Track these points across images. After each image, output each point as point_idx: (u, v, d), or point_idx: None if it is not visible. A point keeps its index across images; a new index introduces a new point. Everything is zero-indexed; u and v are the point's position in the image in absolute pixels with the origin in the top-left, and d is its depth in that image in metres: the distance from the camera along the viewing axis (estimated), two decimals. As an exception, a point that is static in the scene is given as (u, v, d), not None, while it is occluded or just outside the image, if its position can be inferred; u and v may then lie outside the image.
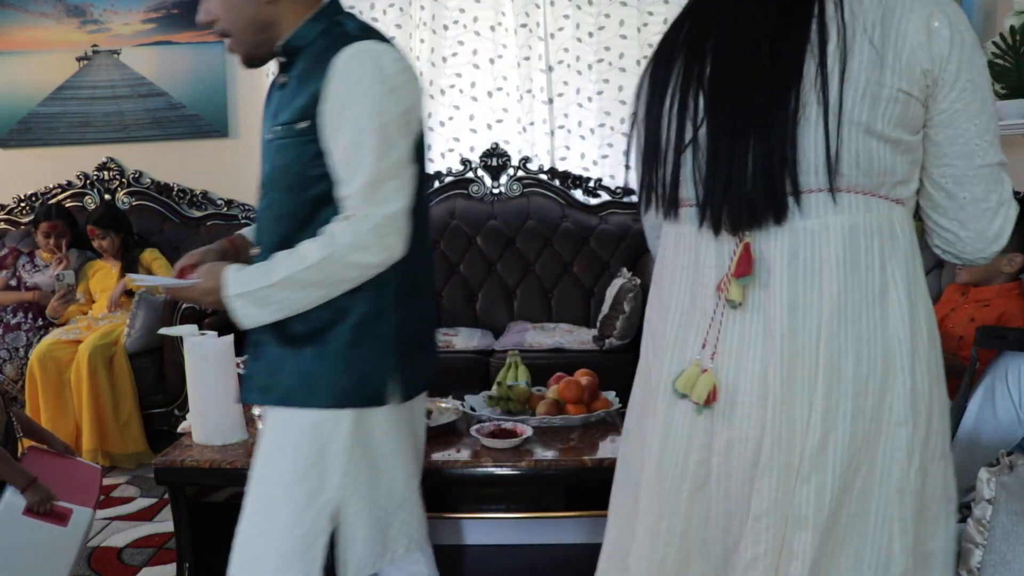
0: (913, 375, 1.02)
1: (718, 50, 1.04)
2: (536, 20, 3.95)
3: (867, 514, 1.03)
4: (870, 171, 1.00)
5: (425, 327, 1.51)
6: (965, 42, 1.00)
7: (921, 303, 1.05)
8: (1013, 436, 1.65)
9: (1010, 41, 2.46)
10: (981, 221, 1.05)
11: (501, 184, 4.03)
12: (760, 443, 1.04)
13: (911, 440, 1.02)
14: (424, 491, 1.55)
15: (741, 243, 1.04)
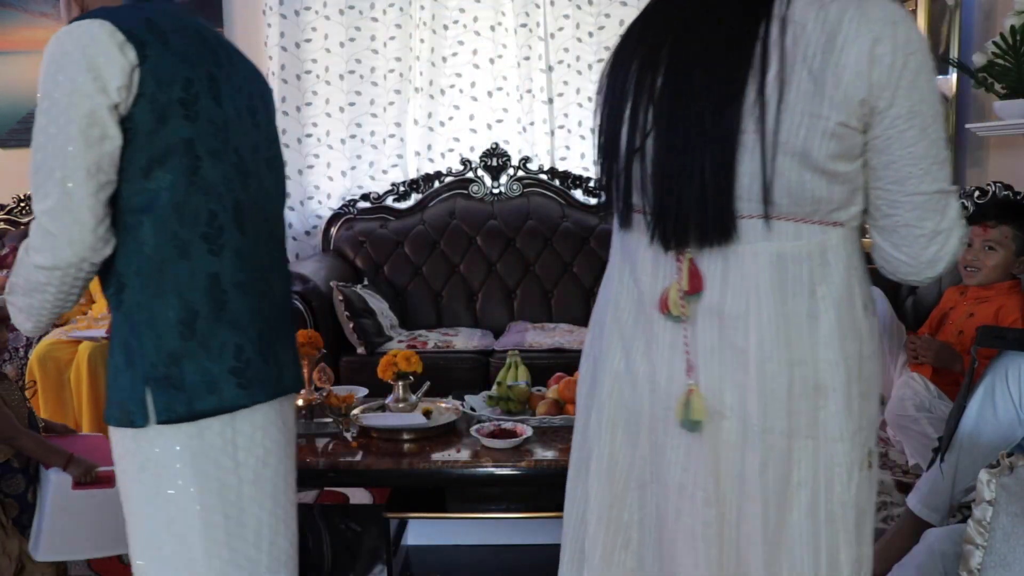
0: (847, 395, 1.04)
1: (669, 62, 1.03)
2: (536, 20, 3.95)
3: (815, 527, 1.05)
4: (802, 201, 1.00)
5: (207, 333, 1.29)
6: (908, 68, 0.97)
7: (856, 325, 1.06)
8: (1013, 436, 1.65)
9: (1010, 41, 2.46)
10: (914, 247, 1.04)
11: (501, 184, 4.03)
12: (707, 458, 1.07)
13: (849, 455, 1.05)
14: (424, 491, 1.55)
15: (685, 259, 1.05)
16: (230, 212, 1.31)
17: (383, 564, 2.31)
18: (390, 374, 2.36)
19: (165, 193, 1.25)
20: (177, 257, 1.26)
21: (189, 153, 1.25)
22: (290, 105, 4.02)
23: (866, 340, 1.07)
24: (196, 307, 1.27)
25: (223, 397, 1.29)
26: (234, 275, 1.31)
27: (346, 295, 3.42)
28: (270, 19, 3.98)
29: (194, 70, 1.27)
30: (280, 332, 1.42)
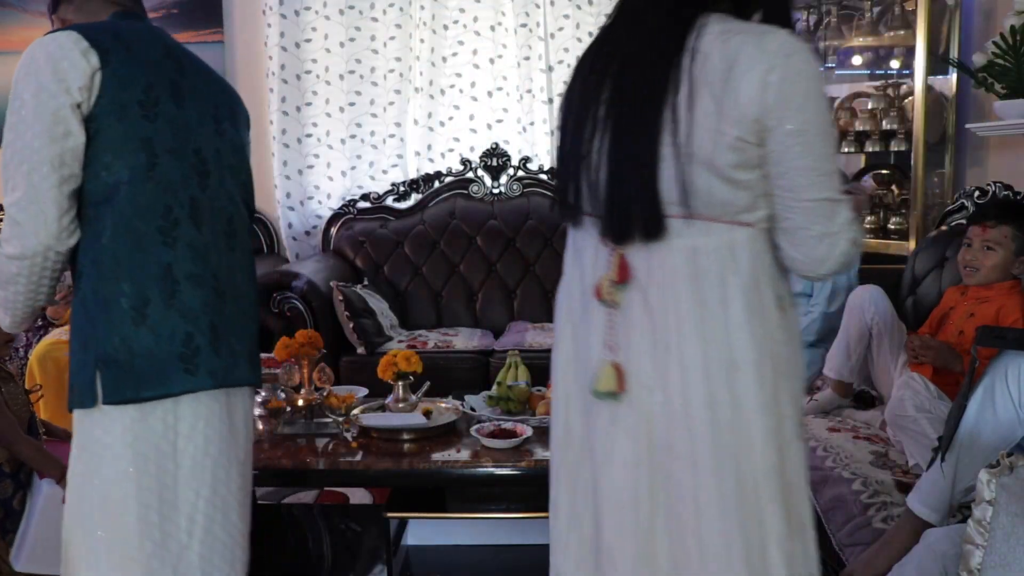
0: (759, 370, 1.17)
1: (611, 89, 1.21)
2: (536, 20, 3.95)
3: (740, 492, 1.17)
4: (711, 203, 1.16)
5: (155, 320, 1.36)
6: (796, 92, 1.11)
7: (764, 313, 1.19)
8: (1013, 435, 1.65)
9: (1010, 41, 2.45)
10: (805, 246, 1.18)
11: (501, 184, 4.03)
12: (643, 427, 1.21)
13: (764, 425, 1.18)
14: (424, 491, 1.55)
15: (616, 254, 1.22)
16: (186, 208, 1.40)
17: (383, 564, 2.31)
18: (390, 374, 2.36)
19: (124, 187, 1.35)
20: (132, 247, 1.35)
21: (147, 150, 1.36)
22: (290, 105, 4.02)
23: (776, 329, 1.20)
24: (148, 295, 1.36)
25: (168, 382, 1.36)
26: (187, 267, 1.39)
27: (346, 295, 3.42)
28: (270, 19, 3.98)
29: (156, 76, 1.39)
30: (238, 328, 1.48)
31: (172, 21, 4.13)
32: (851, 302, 2.50)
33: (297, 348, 2.38)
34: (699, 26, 1.15)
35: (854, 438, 2.26)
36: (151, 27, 1.51)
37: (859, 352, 2.46)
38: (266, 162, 4.14)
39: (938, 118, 3.11)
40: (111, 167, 1.34)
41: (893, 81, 3.37)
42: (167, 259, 1.37)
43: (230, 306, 1.46)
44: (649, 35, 1.19)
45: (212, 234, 1.44)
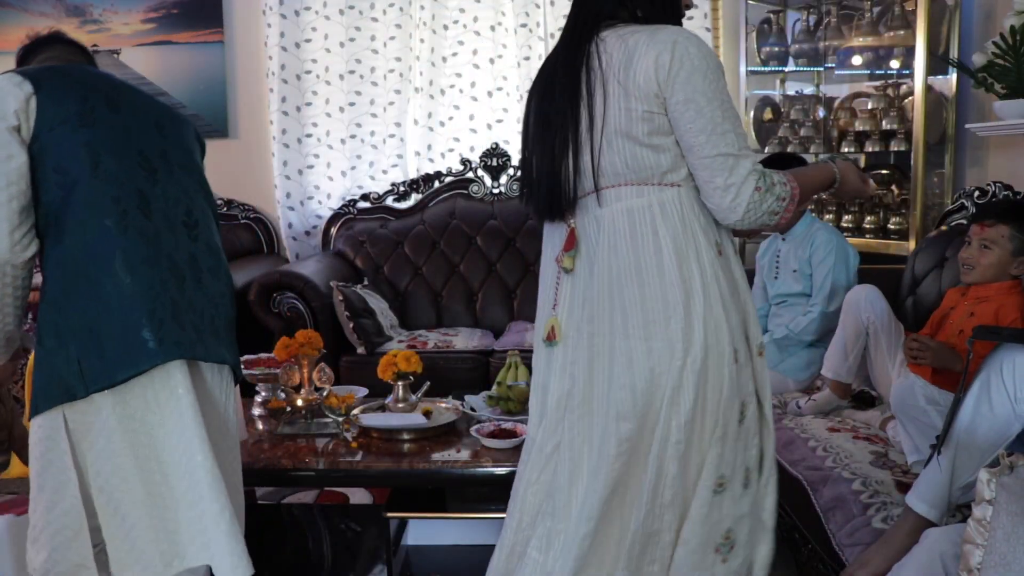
0: (687, 307, 1.43)
1: (541, 96, 1.53)
2: (536, 20, 3.95)
3: (672, 407, 1.44)
4: (639, 169, 1.44)
5: (124, 310, 1.49)
6: (683, 67, 1.37)
7: (692, 257, 1.44)
8: (1009, 430, 1.65)
9: (1010, 41, 2.46)
10: (713, 197, 1.43)
11: (501, 184, 4.03)
12: (580, 368, 1.51)
13: (690, 353, 1.43)
14: (424, 491, 1.55)
15: (568, 229, 1.52)
16: (133, 198, 1.53)
17: (383, 564, 2.31)
18: (390, 374, 2.36)
19: (73, 189, 1.49)
20: (87, 241, 1.49)
21: (90, 152, 1.51)
22: (290, 105, 4.02)
23: (707, 267, 1.45)
24: (107, 283, 1.48)
25: (140, 359, 1.48)
26: (140, 251, 1.51)
27: (346, 295, 3.42)
28: (270, 19, 3.99)
29: (89, 90, 1.56)
30: (201, 310, 1.59)
31: (172, 21, 4.13)
32: (848, 302, 2.50)
33: (297, 348, 2.38)
34: (597, 39, 1.45)
35: (854, 438, 2.26)
36: (93, 68, 1.71)
37: (857, 352, 2.46)
38: (266, 162, 4.14)
39: (938, 118, 3.12)
40: (60, 171, 1.49)
41: (893, 81, 3.37)
42: (121, 245, 1.50)
43: (191, 289, 1.58)
44: (559, 55, 1.51)
45: (165, 222, 1.57)
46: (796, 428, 2.40)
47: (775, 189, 1.41)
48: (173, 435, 1.51)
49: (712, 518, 1.48)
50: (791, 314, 2.79)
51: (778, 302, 2.87)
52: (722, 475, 1.47)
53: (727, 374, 1.45)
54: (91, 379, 1.46)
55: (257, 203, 4.19)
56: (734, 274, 1.51)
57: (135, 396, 1.49)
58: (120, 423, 1.48)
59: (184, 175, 1.66)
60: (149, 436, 1.50)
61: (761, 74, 3.91)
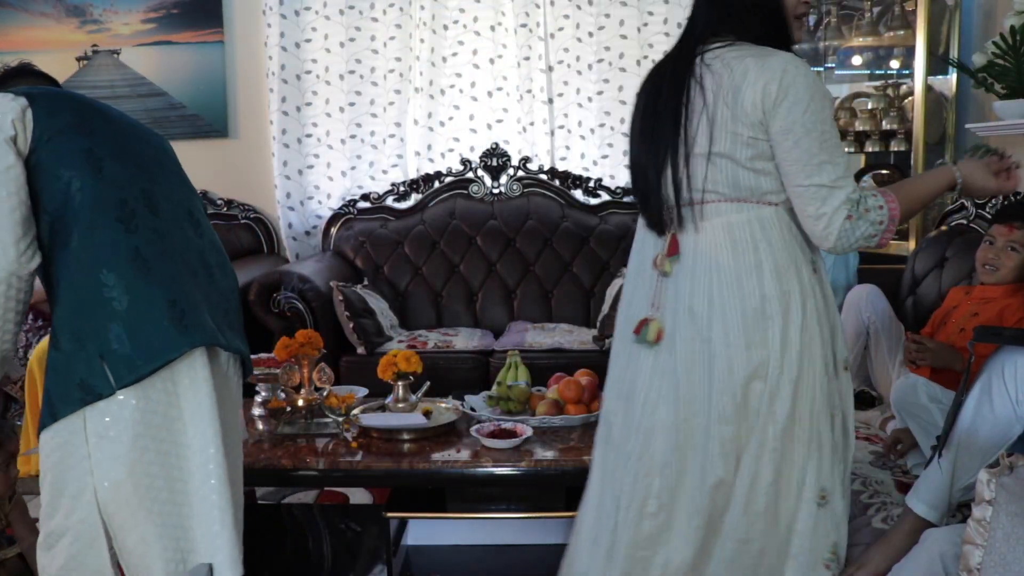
0: (785, 319, 1.50)
1: (645, 107, 1.60)
2: (536, 20, 3.95)
3: (771, 411, 1.52)
4: (739, 188, 1.51)
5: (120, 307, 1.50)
6: (787, 97, 1.43)
7: (792, 271, 1.51)
8: (1011, 432, 1.65)
9: (1010, 41, 2.45)
10: (806, 223, 1.50)
11: (501, 184, 4.03)
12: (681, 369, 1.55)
13: (785, 363, 1.51)
14: (424, 491, 1.55)
15: (669, 235, 1.57)
16: (140, 199, 1.55)
17: (383, 564, 2.31)
18: (390, 374, 2.36)
19: (78, 194, 1.50)
20: (99, 242, 1.49)
21: (91, 158, 1.52)
22: (290, 105, 4.02)
23: (805, 282, 1.52)
24: (125, 278, 1.49)
25: (169, 347, 1.49)
26: (154, 246, 1.53)
27: (346, 295, 3.42)
28: (270, 19, 3.98)
29: (80, 103, 1.59)
30: (213, 303, 1.62)
31: (172, 21, 4.13)
32: (848, 301, 2.50)
33: (297, 348, 2.38)
34: (704, 59, 1.51)
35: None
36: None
37: (856, 352, 2.46)
38: (266, 162, 4.14)
39: (938, 118, 3.12)
40: (63, 177, 1.50)
41: (893, 81, 3.37)
42: (133, 243, 1.51)
43: (203, 282, 1.61)
44: (667, 68, 1.57)
45: (172, 220, 1.60)
46: (796, 428, 2.39)
47: (869, 215, 1.45)
48: (191, 427, 1.53)
49: (819, 532, 1.54)
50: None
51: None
52: (823, 487, 1.54)
53: (820, 385, 1.52)
54: (118, 375, 1.46)
55: (257, 203, 4.19)
56: (826, 291, 1.58)
57: (157, 390, 1.50)
58: (144, 418, 1.48)
59: (178, 178, 1.70)
60: (170, 431, 1.52)
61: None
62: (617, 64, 3.96)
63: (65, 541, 1.51)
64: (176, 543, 1.53)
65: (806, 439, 1.53)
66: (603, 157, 4.03)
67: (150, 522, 1.51)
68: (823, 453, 1.54)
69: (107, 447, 1.48)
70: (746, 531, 1.53)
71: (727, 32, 1.52)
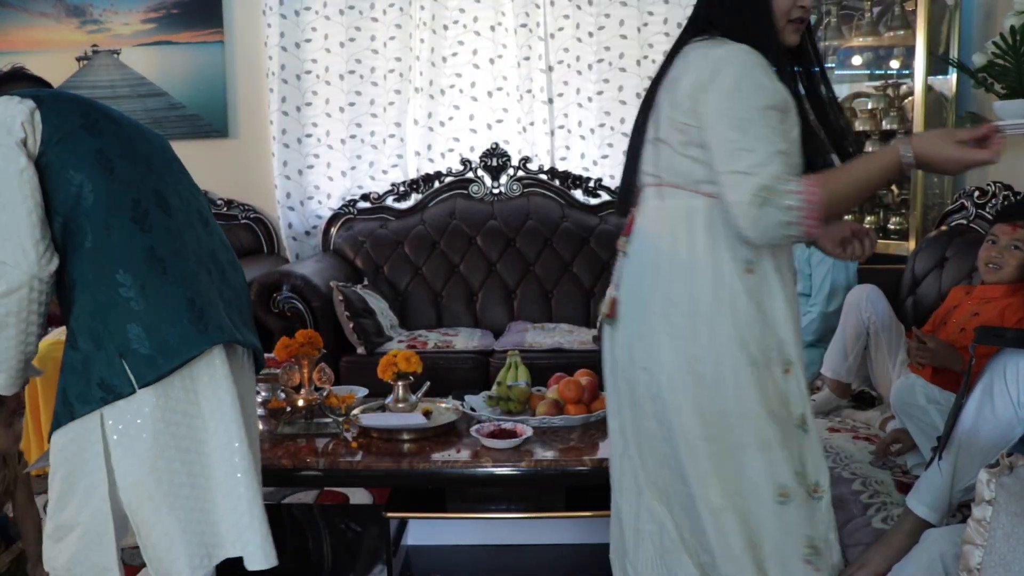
0: (702, 314, 1.48)
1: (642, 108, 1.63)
2: (536, 20, 3.95)
3: (697, 394, 1.51)
4: (675, 173, 1.52)
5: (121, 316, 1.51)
6: (714, 83, 1.42)
7: (709, 267, 1.48)
8: (1012, 434, 1.65)
9: (1010, 41, 2.45)
10: (729, 214, 1.44)
11: (501, 184, 4.03)
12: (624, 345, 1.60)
13: (688, 362, 1.50)
14: (424, 491, 1.55)
15: (630, 216, 1.64)
16: (152, 198, 1.57)
17: (383, 564, 2.31)
18: (390, 374, 2.36)
19: (91, 195, 1.50)
20: (113, 242, 1.50)
21: (101, 159, 1.53)
22: (290, 105, 4.02)
23: (726, 281, 1.48)
24: (142, 278, 1.50)
25: (188, 345, 1.51)
26: (168, 245, 1.55)
27: (346, 295, 3.42)
28: (270, 19, 3.98)
29: (87, 105, 1.59)
30: (228, 299, 1.64)
31: (172, 21, 4.13)
32: (848, 302, 2.50)
33: (297, 348, 2.38)
34: (684, 50, 1.52)
35: (854, 438, 2.26)
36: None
37: (856, 352, 2.46)
38: (266, 162, 4.14)
39: (938, 118, 3.12)
40: (75, 179, 1.50)
41: (893, 81, 3.37)
42: (148, 243, 1.53)
43: (217, 280, 1.63)
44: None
45: (184, 218, 1.62)
46: (796, 428, 2.39)
47: (779, 200, 1.36)
48: (212, 423, 1.55)
49: (787, 530, 1.51)
50: (791, 314, 2.78)
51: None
52: (782, 485, 1.50)
53: (747, 386, 1.49)
54: (139, 374, 1.47)
55: (257, 203, 4.19)
56: (766, 294, 1.51)
57: (176, 388, 1.52)
58: (164, 416, 1.50)
59: (185, 178, 1.72)
60: (190, 427, 1.54)
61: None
62: (617, 64, 3.96)
63: (74, 535, 1.53)
64: (200, 538, 1.54)
65: (741, 441, 1.49)
66: (603, 157, 4.03)
67: (173, 518, 1.52)
68: (772, 452, 1.49)
69: (128, 445, 1.49)
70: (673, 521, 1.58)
71: (716, 29, 1.50)
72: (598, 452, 2.13)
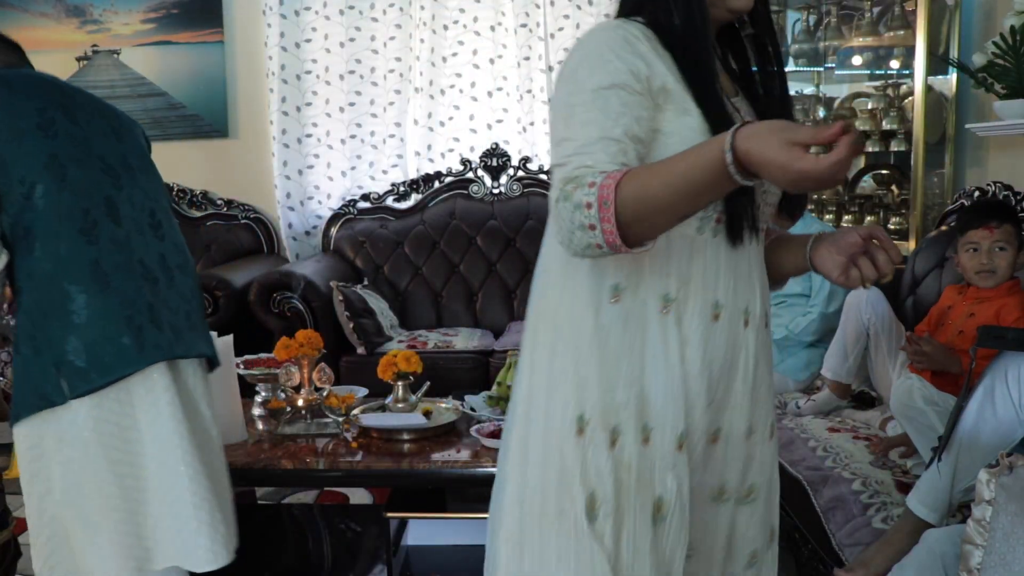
0: (532, 348, 1.21)
1: None
2: (536, 20, 3.95)
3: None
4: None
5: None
6: (563, 69, 1.14)
7: (559, 290, 1.17)
8: (1013, 435, 1.65)
9: (1010, 41, 2.45)
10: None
11: (501, 184, 4.03)
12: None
13: (516, 406, 1.24)
14: (424, 491, 1.55)
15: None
16: (102, 208, 1.55)
17: (383, 564, 2.31)
18: (390, 374, 2.36)
19: (40, 201, 1.49)
20: (61, 253, 1.50)
21: (54, 163, 1.51)
22: (290, 105, 4.02)
23: (574, 309, 1.15)
24: (86, 292, 1.50)
25: (123, 363, 1.50)
26: (113, 258, 1.54)
27: (346, 295, 3.42)
28: (270, 19, 3.98)
29: (45, 101, 1.55)
30: (175, 306, 1.63)
31: (172, 21, 4.13)
32: (848, 303, 2.50)
33: (297, 348, 2.38)
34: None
35: (854, 438, 2.26)
36: (37, 72, 1.68)
37: (856, 353, 2.46)
38: (266, 162, 4.14)
39: (938, 118, 3.11)
40: (25, 182, 1.48)
41: (893, 81, 3.37)
42: (94, 255, 1.52)
43: (165, 289, 1.62)
44: None
45: (134, 226, 1.60)
46: (796, 428, 2.40)
47: (575, 196, 1.02)
48: (148, 435, 1.54)
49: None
50: (790, 315, 2.79)
51: (777, 303, 2.87)
52: None
53: (555, 449, 1.14)
54: (72, 385, 1.47)
55: (257, 203, 4.19)
56: (637, 331, 1.12)
57: (111, 400, 1.51)
58: (96, 426, 1.49)
59: (144, 177, 1.68)
60: (124, 440, 1.52)
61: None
62: (617, 64, 3.95)
63: (42, 539, 1.54)
64: (129, 551, 1.54)
65: (537, 514, 1.15)
66: (603, 157, 4.02)
67: (103, 528, 1.52)
68: (571, 540, 1.11)
69: (64, 452, 1.50)
70: None
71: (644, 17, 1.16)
72: (598, 452, 2.13)
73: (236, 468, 2.03)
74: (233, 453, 2.10)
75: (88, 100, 1.65)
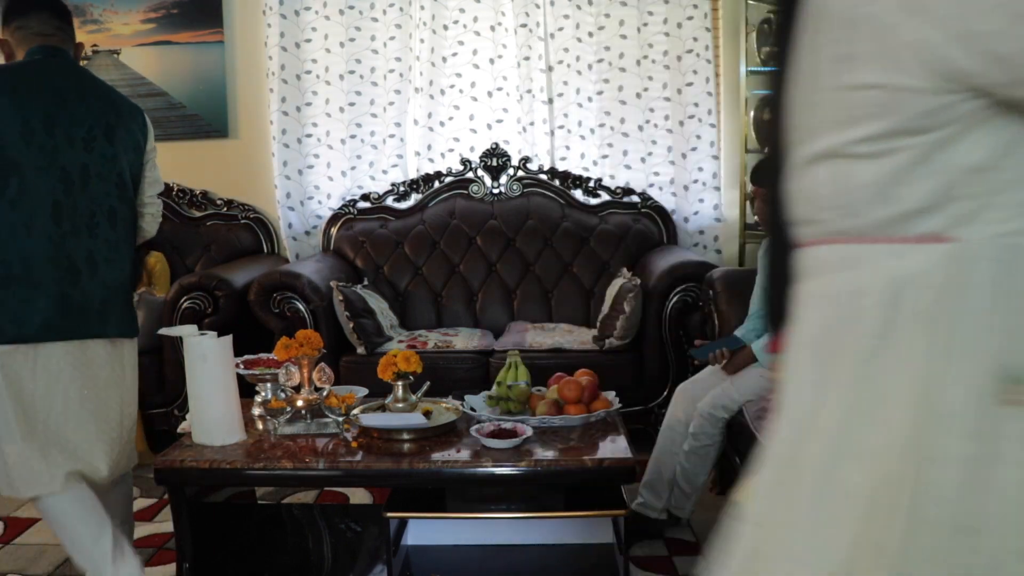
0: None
1: None
2: (536, 20, 3.95)
3: None
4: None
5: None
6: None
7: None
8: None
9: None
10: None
11: (501, 184, 4.03)
12: None
13: None
14: (424, 491, 1.55)
15: None
16: (48, 210, 1.95)
17: (383, 564, 2.31)
18: (390, 374, 2.36)
19: (3, 201, 1.90)
20: (7, 238, 1.92)
21: (18, 172, 1.92)
22: (290, 105, 4.02)
23: None
24: (14, 271, 1.93)
25: (25, 333, 1.94)
26: (45, 253, 1.95)
27: (346, 295, 3.42)
28: (270, 19, 3.99)
29: (32, 111, 1.94)
30: (95, 295, 2.03)
31: (172, 21, 4.13)
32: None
33: (297, 348, 2.38)
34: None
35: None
36: (49, 64, 2.05)
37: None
38: (266, 162, 4.14)
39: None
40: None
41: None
42: (29, 247, 1.94)
43: (86, 281, 2.01)
44: None
45: (71, 227, 1.99)
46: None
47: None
48: (40, 389, 1.97)
49: None
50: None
51: None
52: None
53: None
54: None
55: (257, 203, 4.19)
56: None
57: (17, 363, 1.95)
58: (5, 378, 1.94)
59: (100, 183, 2.04)
60: (31, 396, 1.96)
61: (761, 74, 3.91)
62: (617, 64, 3.96)
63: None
64: (53, 457, 2.00)
65: None
66: (603, 157, 4.03)
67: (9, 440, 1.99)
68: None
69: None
70: None
71: None
72: (598, 452, 2.13)
73: (235, 468, 2.03)
74: (232, 453, 2.10)
75: (80, 103, 2.02)
